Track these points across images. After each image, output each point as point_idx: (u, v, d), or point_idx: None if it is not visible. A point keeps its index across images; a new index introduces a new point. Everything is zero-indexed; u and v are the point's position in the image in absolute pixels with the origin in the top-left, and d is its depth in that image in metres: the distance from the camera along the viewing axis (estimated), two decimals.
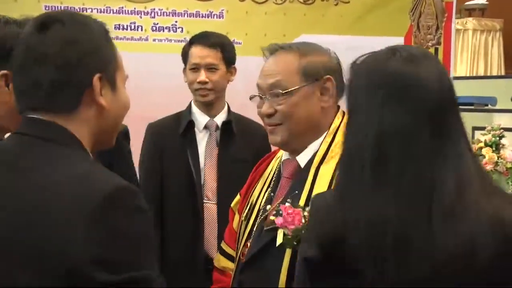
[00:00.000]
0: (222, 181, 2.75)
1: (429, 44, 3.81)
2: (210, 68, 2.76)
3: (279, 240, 1.71)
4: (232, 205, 2.17)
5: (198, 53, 2.76)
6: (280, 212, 1.72)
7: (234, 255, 2.01)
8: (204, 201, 2.76)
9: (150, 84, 3.55)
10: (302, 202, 1.74)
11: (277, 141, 1.87)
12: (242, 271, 1.86)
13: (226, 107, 2.87)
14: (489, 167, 3.48)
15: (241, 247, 1.91)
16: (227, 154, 2.78)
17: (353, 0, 3.71)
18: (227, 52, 2.82)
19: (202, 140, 2.81)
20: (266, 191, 1.94)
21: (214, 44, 2.77)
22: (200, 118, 2.83)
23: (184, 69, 2.87)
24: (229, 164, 2.76)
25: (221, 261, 2.12)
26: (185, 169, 2.75)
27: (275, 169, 1.97)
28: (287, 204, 1.73)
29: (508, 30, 8.84)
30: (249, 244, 1.87)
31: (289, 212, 1.70)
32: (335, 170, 1.77)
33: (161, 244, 2.76)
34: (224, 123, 2.82)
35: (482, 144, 3.62)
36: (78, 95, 1.28)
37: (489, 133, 3.62)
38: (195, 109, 2.85)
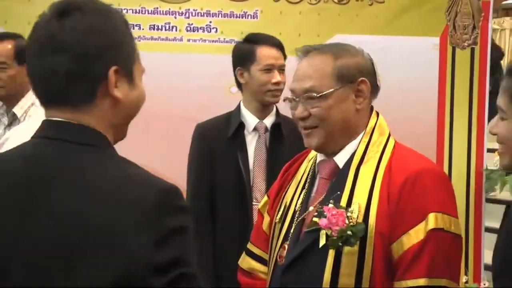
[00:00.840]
0: (270, 182, 2.75)
1: (465, 44, 3.77)
2: (281, 69, 2.79)
3: (322, 241, 1.71)
4: (259, 207, 2.17)
5: (272, 54, 2.77)
6: (324, 213, 1.71)
7: (263, 256, 2.03)
8: (253, 203, 2.77)
9: (184, 84, 3.58)
10: (343, 203, 1.75)
11: (312, 144, 1.87)
12: (284, 274, 1.84)
13: (274, 109, 2.88)
14: None
15: (277, 249, 1.90)
16: (276, 156, 2.78)
17: (388, 0, 3.68)
18: (284, 53, 2.85)
19: (251, 142, 2.82)
20: (301, 192, 1.94)
21: (280, 46, 2.81)
22: (250, 119, 2.84)
23: (241, 69, 2.83)
24: (278, 166, 2.76)
25: (247, 262, 2.10)
26: (235, 171, 2.76)
27: (309, 170, 1.97)
28: (330, 205, 1.72)
29: None
30: (286, 246, 1.87)
31: (333, 213, 1.70)
32: (376, 170, 1.77)
33: (213, 244, 2.80)
34: (273, 125, 2.83)
35: None
36: (94, 87, 1.25)
37: None
38: (244, 110, 2.85)
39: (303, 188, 1.93)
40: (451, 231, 1.71)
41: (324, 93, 1.80)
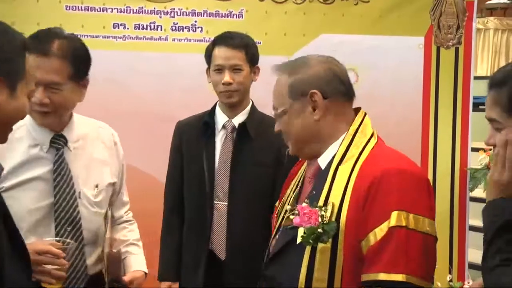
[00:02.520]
0: (234, 182, 2.77)
1: (450, 43, 3.79)
2: (235, 69, 2.76)
3: (299, 238, 1.80)
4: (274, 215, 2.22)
5: (222, 54, 2.75)
6: (297, 212, 1.82)
7: None
8: (215, 201, 2.80)
9: (170, 84, 3.57)
10: (321, 201, 1.82)
11: (291, 153, 2.01)
12: (266, 267, 1.97)
13: (248, 108, 2.87)
14: None
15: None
16: (241, 156, 2.79)
17: None
18: (251, 52, 2.82)
19: (220, 140, 2.84)
20: (294, 192, 2.06)
21: (238, 45, 2.77)
22: (220, 118, 2.85)
23: (207, 70, 2.87)
24: (243, 166, 2.78)
25: None
26: (199, 168, 2.81)
27: (303, 171, 2.07)
28: (304, 204, 1.82)
29: None
30: (273, 242, 1.98)
31: (305, 211, 1.78)
32: (351, 171, 1.83)
33: (179, 239, 2.93)
34: (240, 125, 2.82)
35: None
36: None
37: None
38: (217, 109, 2.88)
39: (296, 188, 2.04)
40: (417, 230, 1.74)
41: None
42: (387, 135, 2.03)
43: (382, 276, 1.72)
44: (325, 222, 1.76)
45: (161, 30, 3.55)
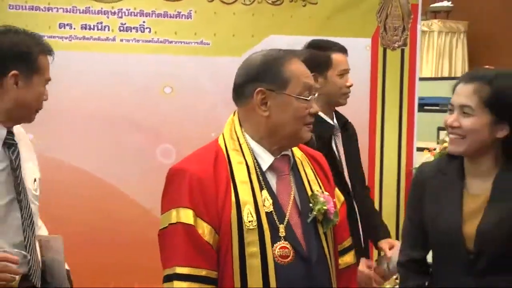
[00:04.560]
0: (352, 177, 3.01)
1: (396, 45, 3.85)
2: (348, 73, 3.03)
3: (326, 225, 2.04)
4: (188, 221, 2.18)
5: (344, 60, 3.01)
6: (323, 200, 2.05)
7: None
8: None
9: (118, 85, 3.52)
10: (309, 191, 2.03)
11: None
12: (314, 269, 2.00)
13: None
14: None
15: (268, 252, 1.97)
16: (349, 152, 3.05)
17: (321, 1, 3.72)
18: None
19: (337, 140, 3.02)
20: (255, 192, 2.07)
21: (347, 52, 3.05)
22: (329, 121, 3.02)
23: (317, 75, 2.84)
24: (353, 160, 3.06)
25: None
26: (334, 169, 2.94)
27: (253, 169, 2.06)
28: (326, 193, 2.07)
29: (472, 32, 8.98)
30: (287, 245, 1.96)
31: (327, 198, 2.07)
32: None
33: None
34: (342, 125, 3.05)
35: (446, 144, 3.67)
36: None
37: None
38: (322, 114, 2.92)
39: (260, 188, 1.92)
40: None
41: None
42: None
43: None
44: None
45: (109, 30, 3.50)
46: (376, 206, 3.78)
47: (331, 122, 3.00)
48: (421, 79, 4.16)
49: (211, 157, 1.92)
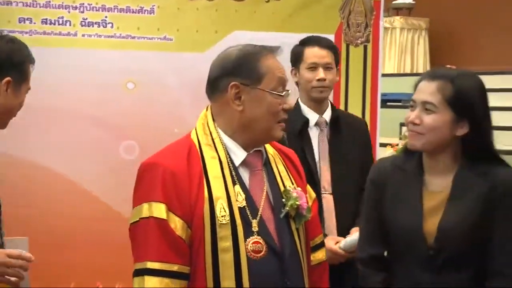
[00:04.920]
0: (334, 172, 2.98)
1: (358, 41, 3.88)
2: (327, 67, 2.98)
3: (299, 221, 2.04)
4: (158, 215, 2.14)
5: (316, 53, 2.98)
6: (295, 196, 2.06)
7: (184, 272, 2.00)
8: (322, 192, 2.93)
9: (79, 80, 3.48)
10: (281, 187, 2.02)
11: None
12: (287, 264, 1.99)
13: (329, 106, 3.09)
14: None
15: (241, 248, 1.96)
16: (336, 148, 3.01)
17: None
18: (337, 54, 3.08)
19: (315, 136, 3.01)
20: (228, 187, 2.05)
21: (328, 46, 3.03)
22: (311, 116, 3.02)
23: (294, 69, 3.04)
24: (339, 157, 3.00)
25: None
26: (304, 165, 2.85)
27: (226, 164, 2.05)
28: (298, 189, 2.08)
29: (434, 29, 9.10)
30: (260, 240, 1.96)
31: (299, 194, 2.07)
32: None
33: None
34: (332, 120, 3.03)
35: None
36: None
37: None
38: (304, 108, 3.03)
39: (233, 183, 1.91)
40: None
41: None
42: None
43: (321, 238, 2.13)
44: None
45: (70, 25, 3.45)
46: None
47: (307, 116, 3.01)
48: (384, 75, 4.20)
49: (184, 151, 1.91)
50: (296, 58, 3.04)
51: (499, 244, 2.01)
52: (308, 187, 2.15)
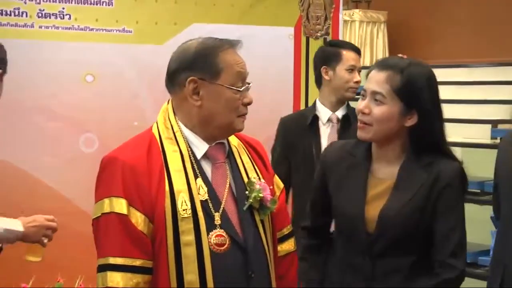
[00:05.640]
0: None
1: (318, 34, 3.91)
2: (359, 71, 3.28)
3: (263, 213, 2.01)
4: (120, 211, 2.11)
5: (354, 57, 3.25)
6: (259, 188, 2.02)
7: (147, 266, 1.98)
8: None
9: (36, 73, 3.43)
10: (245, 178, 2.00)
11: None
12: (250, 256, 1.98)
13: (345, 104, 3.31)
14: None
15: (204, 241, 1.95)
16: None
17: None
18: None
19: (325, 132, 3.22)
20: (189, 180, 2.02)
21: (360, 53, 3.32)
22: (324, 112, 3.25)
23: (327, 68, 3.23)
24: None
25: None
26: (309, 156, 3.17)
27: (186, 158, 2.03)
28: (262, 181, 2.04)
29: (392, 21, 9.19)
30: (223, 233, 1.95)
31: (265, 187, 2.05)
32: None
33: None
34: (343, 117, 3.23)
35: None
36: None
37: None
38: (320, 105, 3.27)
39: (195, 176, 1.90)
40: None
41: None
42: (258, 123, 2.07)
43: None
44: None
45: (27, 16, 3.40)
46: None
47: (320, 113, 3.23)
48: None
49: (145, 145, 1.89)
50: (332, 58, 3.24)
51: (441, 235, 2.05)
52: (276, 178, 2.14)
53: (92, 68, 3.49)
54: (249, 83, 1.96)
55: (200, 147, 1.93)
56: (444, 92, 2.18)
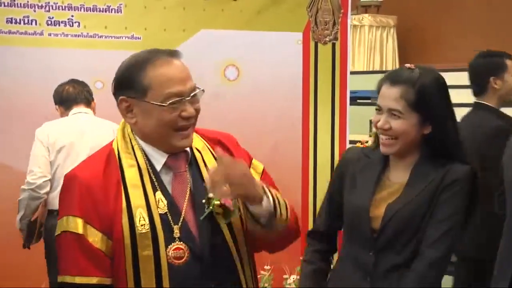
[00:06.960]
0: None
1: (327, 39, 3.89)
2: None
3: (227, 218, 1.91)
4: (80, 231, 1.98)
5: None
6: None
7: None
8: None
9: (46, 80, 3.45)
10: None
11: None
12: (212, 269, 1.92)
13: None
14: None
15: (162, 255, 1.89)
16: None
17: None
18: None
19: None
20: (146, 194, 1.96)
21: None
22: None
23: (496, 78, 3.48)
24: None
25: None
26: None
27: (143, 171, 1.96)
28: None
29: (402, 26, 9.17)
30: (183, 246, 1.89)
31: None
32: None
33: None
34: None
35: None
36: None
37: None
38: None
39: (154, 190, 1.86)
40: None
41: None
42: (268, 129, 2.05)
43: None
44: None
45: (36, 24, 3.41)
46: (310, 199, 3.82)
47: None
48: (353, 72, 4.22)
49: (102, 161, 1.86)
50: (497, 68, 3.50)
51: (430, 225, 2.07)
52: (255, 162, 2.03)
53: (102, 75, 3.50)
54: (196, 91, 1.84)
55: (159, 158, 1.87)
56: (455, 96, 2.20)
